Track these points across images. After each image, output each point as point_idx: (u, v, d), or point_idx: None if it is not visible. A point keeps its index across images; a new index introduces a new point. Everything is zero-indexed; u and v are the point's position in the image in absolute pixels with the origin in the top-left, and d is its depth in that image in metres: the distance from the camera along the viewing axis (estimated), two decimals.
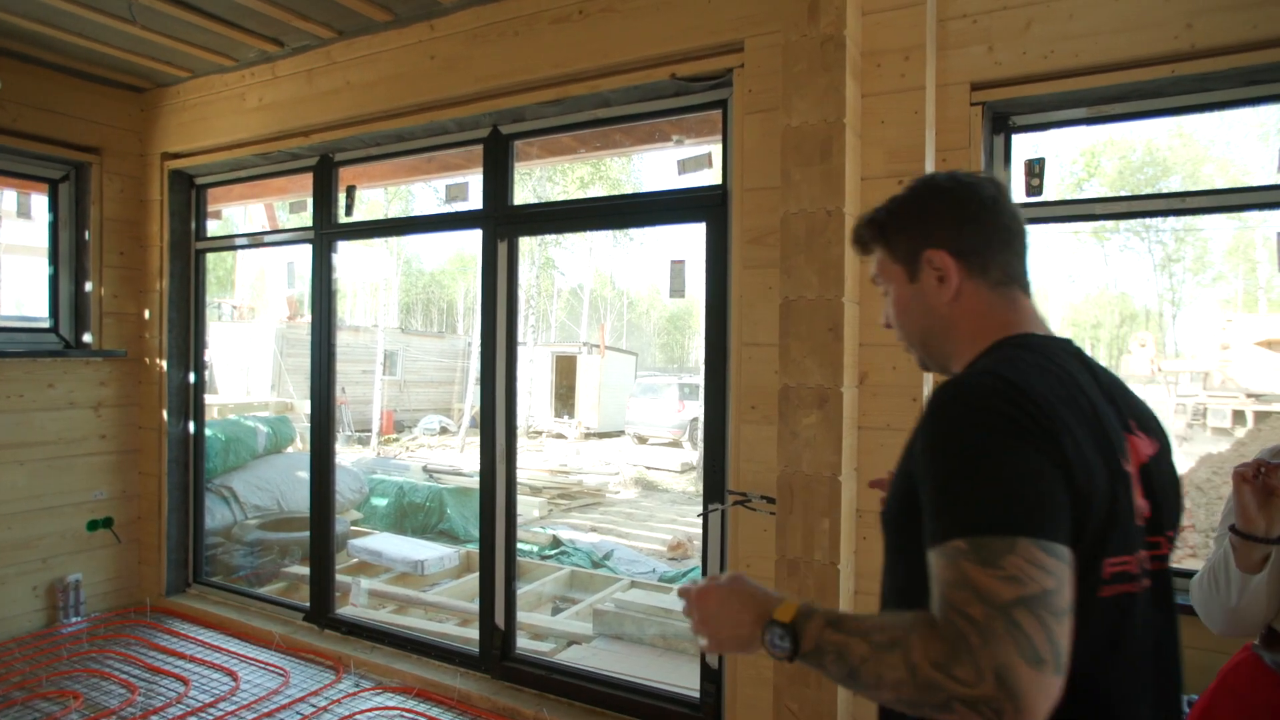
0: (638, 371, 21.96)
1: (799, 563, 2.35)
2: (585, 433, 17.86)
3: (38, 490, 4.04)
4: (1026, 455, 0.86)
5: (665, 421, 16.30)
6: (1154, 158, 21.67)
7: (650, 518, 9.69)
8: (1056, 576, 0.81)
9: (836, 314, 2.30)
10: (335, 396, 4.03)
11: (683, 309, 45.57)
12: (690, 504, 10.95)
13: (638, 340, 41.79)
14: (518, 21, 3.12)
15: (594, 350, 19.21)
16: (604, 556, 6.79)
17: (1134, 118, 2.68)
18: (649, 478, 12.73)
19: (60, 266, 4.26)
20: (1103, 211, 2.96)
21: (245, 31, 3.52)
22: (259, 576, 5.25)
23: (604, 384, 18.50)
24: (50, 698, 3.30)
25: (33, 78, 3.92)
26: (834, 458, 2.31)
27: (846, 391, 2.33)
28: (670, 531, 8.64)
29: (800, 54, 2.35)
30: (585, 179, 19.40)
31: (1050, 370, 0.97)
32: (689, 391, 16.50)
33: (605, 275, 36.17)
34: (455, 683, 3.33)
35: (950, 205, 1.09)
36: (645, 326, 44.98)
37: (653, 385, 17.86)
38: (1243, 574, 1.41)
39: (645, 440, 16.66)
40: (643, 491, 11.78)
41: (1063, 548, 0.83)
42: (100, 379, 4.31)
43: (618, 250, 31.44)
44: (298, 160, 4.06)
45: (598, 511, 10.02)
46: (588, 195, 19.12)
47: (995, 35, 2.79)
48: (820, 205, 2.32)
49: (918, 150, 2.43)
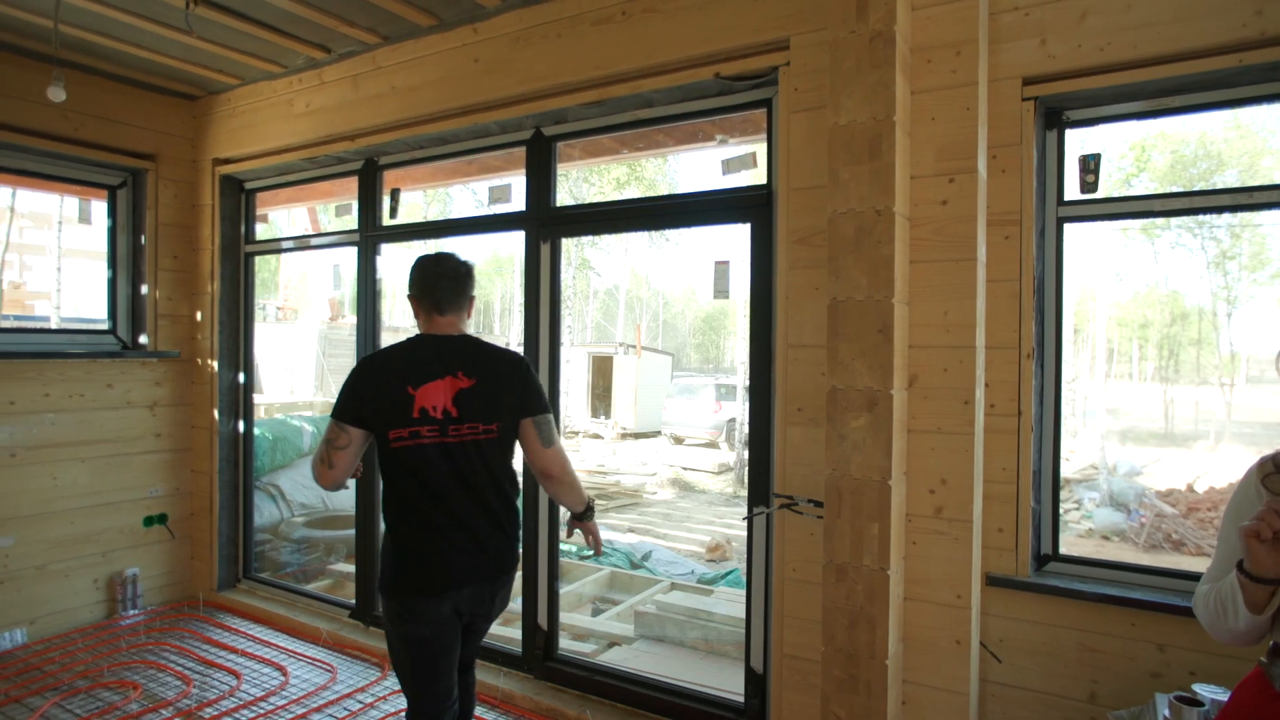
0: (674, 372, 21.93)
1: (847, 568, 2.32)
2: (621, 433, 17.89)
3: (98, 486, 4.18)
4: (346, 386, 2.11)
5: (702, 422, 16.24)
6: (1208, 151, 20.94)
7: (688, 518, 9.66)
8: (341, 432, 2.06)
9: (886, 315, 2.26)
10: None
11: (718, 309, 45.39)
12: (727, 505, 10.89)
13: (673, 340, 41.75)
14: (560, 23, 3.13)
15: (630, 350, 19.23)
16: (642, 557, 6.79)
17: (1195, 110, 2.58)
18: (686, 478, 12.70)
19: (118, 270, 4.40)
20: (1162, 208, 2.86)
21: (294, 39, 3.59)
22: (305, 573, 5.35)
23: (640, 384, 18.51)
24: (112, 687, 3.40)
25: (94, 88, 4.06)
26: (884, 461, 2.27)
27: (896, 394, 2.29)
28: (708, 533, 8.60)
29: (848, 51, 2.31)
30: (621, 179, 19.42)
31: (395, 350, 2.17)
32: (726, 392, 16.42)
33: (641, 275, 36.21)
34: (498, 682, 3.36)
35: (412, 273, 2.25)
36: (680, 326, 44.90)
37: (689, 386, 17.81)
38: (1249, 609, 1.40)
39: (682, 441, 16.63)
40: (680, 492, 11.75)
41: (346, 424, 2.07)
42: (155, 379, 4.43)
43: (653, 250, 31.47)
44: (343, 164, 4.13)
45: (635, 512, 10.03)
46: (624, 196, 19.16)
47: (1048, 28, 2.71)
48: (869, 205, 2.28)
49: (969, 147, 2.38)
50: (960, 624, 2.39)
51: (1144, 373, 29.42)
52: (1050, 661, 2.70)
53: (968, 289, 2.37)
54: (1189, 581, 2.40)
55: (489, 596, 2.17)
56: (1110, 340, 23.21)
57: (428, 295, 2.19)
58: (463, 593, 2.09)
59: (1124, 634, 2.49)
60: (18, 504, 3.87)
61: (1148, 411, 22.29)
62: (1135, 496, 10.10)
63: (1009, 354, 2.67)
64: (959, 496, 2.40)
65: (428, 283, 2.19)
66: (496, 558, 2.14)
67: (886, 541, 2.26)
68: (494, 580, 2.15)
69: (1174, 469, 13.07)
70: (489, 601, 2.18)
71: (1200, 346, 25.92)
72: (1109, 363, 21.94)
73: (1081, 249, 14.55)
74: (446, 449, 2.07)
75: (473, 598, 2.12)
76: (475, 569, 2.10)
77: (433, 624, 2.07)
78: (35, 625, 3.93)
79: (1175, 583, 2.43)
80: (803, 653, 2.64)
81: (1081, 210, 2.94)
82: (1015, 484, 2.81)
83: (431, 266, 2.20)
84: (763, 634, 2.84)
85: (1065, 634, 2.69)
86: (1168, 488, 10.82)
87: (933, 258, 2.40)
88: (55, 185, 4.33)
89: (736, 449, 12.58)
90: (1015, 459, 2.83)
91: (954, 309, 2.39)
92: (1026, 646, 2.73)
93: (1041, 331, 2.88)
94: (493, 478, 2.12)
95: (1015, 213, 2.75)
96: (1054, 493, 2.94)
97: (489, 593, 2.16)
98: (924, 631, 2.43)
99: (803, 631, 2.63)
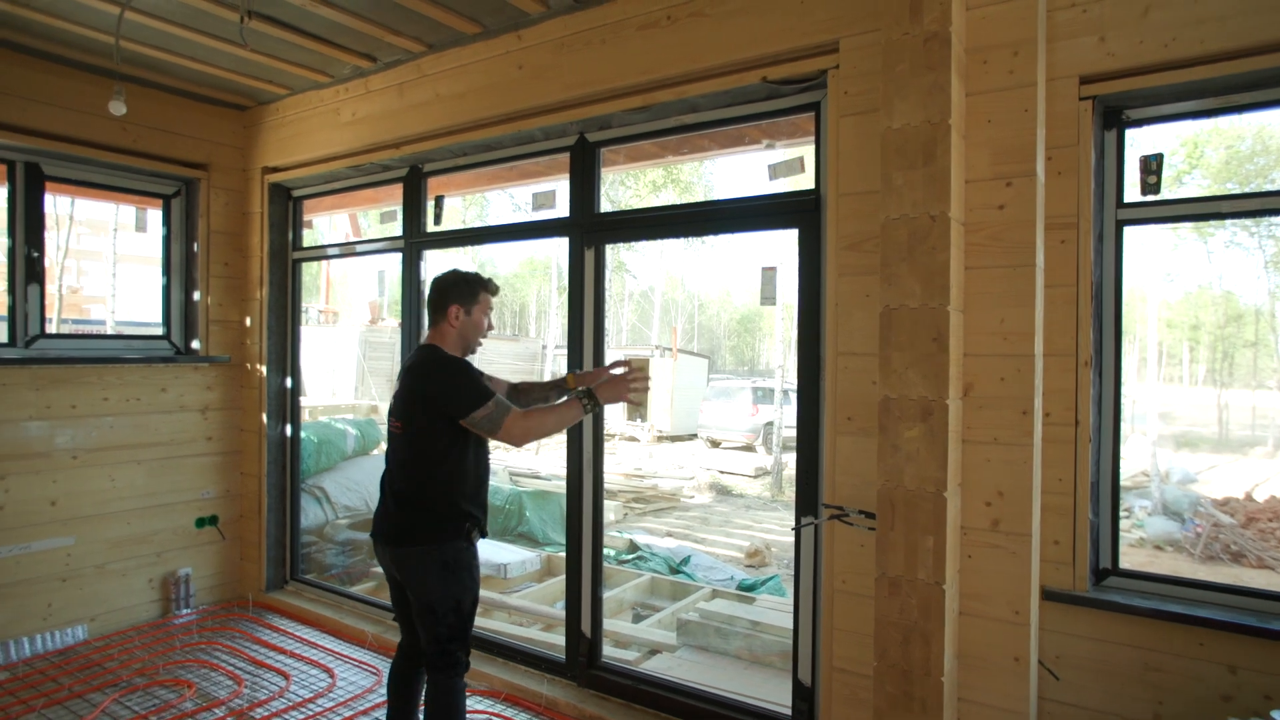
0: (710, 374, 21.83)
1: (900, 581, 2.26)
2: (658, 436, 17.86)
3: (153, 488, 4.29)
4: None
5: (739, 425, 16.14)
6: (1265, 146, 20.16)
7: (726, 523, 9.60)
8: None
9: (941, 323, 2.21)
10: None
11: (753, 311, 45.09)
12: (765, 509, 10.80)
13: (708, 342, 41.60)
14: (605, 29, 3.12)
15: (666, 353, 19.20)
16: (681, 562, 6.76)
17: (1262, 107, 2.49)
18: (723, 482, 12.63)
19: (172, 277, 4.52)
20: (1230, 210, 2.75)
21: (341, 49, 3.64)
22: (350, 575, 5.43)
23: (676, 387, 18.46)
24: (167, 685, 3.49)
25: (150, 101, 4.17)
26: (939, 473, 2.21)
27: (951, 404, 2.23)
28: (747, 537, 8.54)
29: (902, 53, 2.26)
30: (658, 182, 19.41)
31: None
32: (763, 395, 16.29)
33: (676, 278, 36.15)
34: (541, 688, 3.36)
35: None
36: (716, 329, 44.72)
37: (726, 389, 17.72)
38: None
39: (718, 444, 16.54)
40: (717, 496, 11.69)
41: None
42: (207, 383, 4.54)
43: (689, 252, 31.39)
44: (388, 171, 4.18)
45: (672, 516, 9.99)
46: (661, 199, 19.13)
47: (1108, 24, 2.63)
48: (923, 210, 2.23)
49: (1027, 150, 2.31)
50: (1019, 641, 2.32)
51: (1195, 376, 28.47)
52: (1111, 681, 2.61)
53: (1026, 296, 2.31)
54: (1263, 600, 2.30)
55: (389, 559, 2.55)
56: (1160, 342, 22.47)
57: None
58: (379, 545, 2.58)
59: (1191, 654, 2.39)
60: (80, 505, 4.00)
61: (1200, 416, 21.54)
62: (1190, 505, 9.76)
63: (1065, 361, 2.59)
64: (1017, 509, 2.33)
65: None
66: (395, 528, 2.51)
67: (942, 555, 2.21)
68: (393, 545, 2.51)
69: (1230, 476, 12.62)
70: (390, 563, 2.56)
71: (1257, 348, 24.99)
72: (1159, 365, 21.24)
73: (1131, 249, 14.15)
74: (390, 436, 2.58)
75: (382, 553, 2.59)
76: (381, 530, 2.57)
77: (380, 562, 2.64)
78: (95, 622, 4.04)
79: (1248, 601, 2.33)
80: (853, 666, 2.58)
81: (1142, 213, 2.84)
82: (1072, 495, 2.72)
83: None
84: (810, 646, 2.79)
85: (1127, 652, 2.60)
86: (1224, 496, 10.44)
87: (989, 264, 2.34)
88: (115, 195, 4.47)
89: (775, 453, 12.46)
90: (1072, 470, 2.75)
91: (1011, 316, 2.32)
92: (1086, 664, 2.64)
93: (1099, 338, 2.78)
94: (400, 465, 2.52)
95: (1072, 216, 2.66)
96: (1113, 505, 2.84)
97: (389, 555, 2.54)
98: (980, 648, 2.36)
99: (853, 645, 2.58)
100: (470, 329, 2.58)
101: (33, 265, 3.93)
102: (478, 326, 2.60)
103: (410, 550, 2.48)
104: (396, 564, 2.53)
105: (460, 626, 2.50)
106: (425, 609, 2.48)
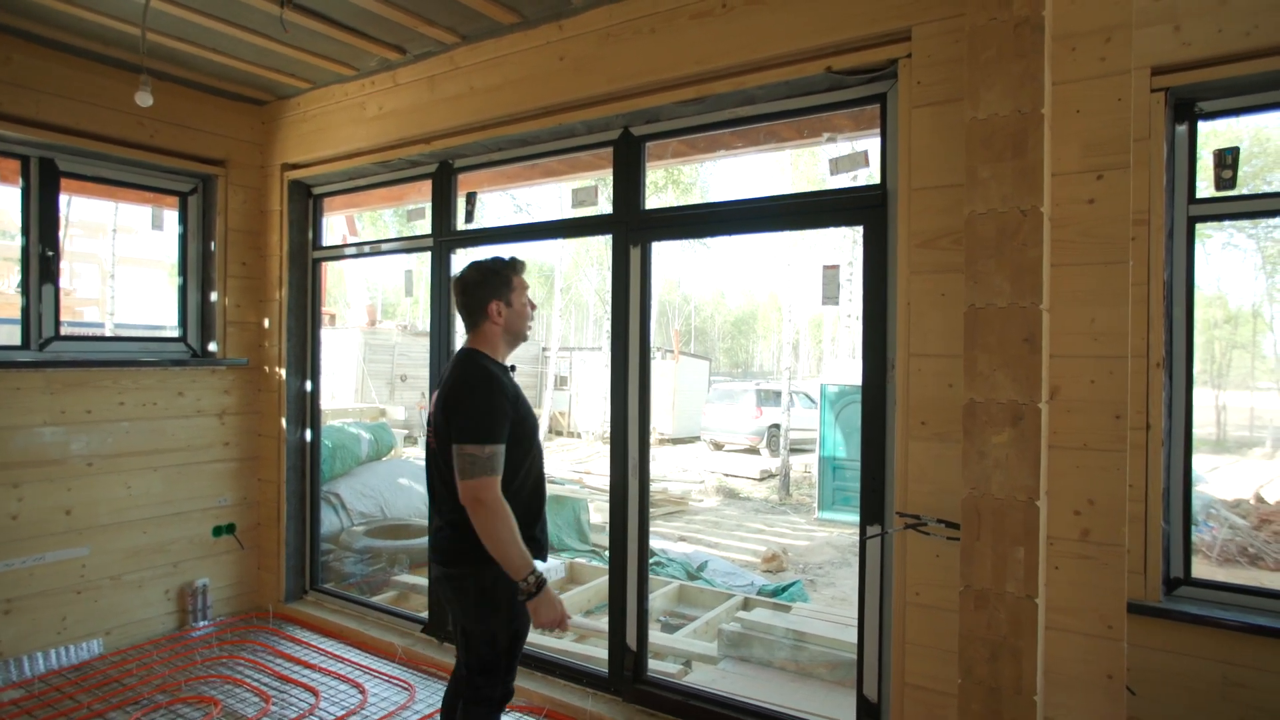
0: (710, 377, 21.72)
1: (988, 594, 2.15)
2: (661, 438, 17.73)
3: (169, 496, 4.13)
4: None
5: (743, 428, 16.02)
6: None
7: (738, 527, 9.48)
8: None
9: (1033, 323, 2.09)
10: None
11: (747, 312, 44.97)
12: (774, 513, 10.69)
13: (703, 345, 41.53)
14: (655, 18, 3.00)
15: (668, 355, 19.08)
16: (698, 567, 6.63)
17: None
18: (730, 485, 12.51)
19: (188, 277, 4.36)
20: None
21: (370, 39, 3.51)
22: (369, 584, 5.27)
23: (678, 389, 18.34)
24: (190, 703, 3.33)
25: (168, 95, 4.02)
26: (1030, 480, 2.10)
27: (1042, 408, 2.12)
28: (761, 542, 8.42)
29: (989, 39, 2.15)
30: (658, 183, 19.25)
31: None
32: (766, 397, 16.18)
33: (672, 280, 36.03)
34: (585, 704, 3.23)
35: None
36: (710, 331, 44.66)
37: (729, 391, 17.59)
38: None
39: (721, 446, 16.42)
40: (724, 499, 11.57)
41: None
42: (224, 387, 4.39)
43: (682, 255, 31.24)
44: (417, 167, 4.04)
45: (682, 520, 9.87)
46: (660, 203, 18.99)
47: (1183, 13, 2.54)
48: (1013, 204, 2.12)
49: (1120, 141, 2.20)
50: (1113, 657, 2.21)
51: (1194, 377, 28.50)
52: (1190, 696, 2.51)
53: (1118, 295, 2.20)
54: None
55: (441, 578, 2.38)
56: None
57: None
58: (432, 565, 2.56)
59: (1277, 668, 2.29)
60: (95, 513, 3.84)
61: (1199, 417, 21.56)
62: (1202, 507, 9.70)
63: (1137, 363, 2.49)
64: (1109, 519, 2.22)
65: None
66: (443, 548, 2.33)
67: (1034, 567, 2.09)
68: (441, 565, 2.35)
69: (1233, 477, 12.60)
70: (439, 581, 2.43)
71: (1253, 350, 25.08)
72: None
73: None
74: (429, 450, 2.38)
75: (433, 572, 2.60)
76: (430, 543, 2.46)
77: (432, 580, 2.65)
78: (111, 636, 3.88)
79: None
80: (928, 683, 2.47)
81: (1216, 209, 2.75)
82: (1144, 502, 2.62)
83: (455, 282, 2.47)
84: (877, 660, 2.67)
85: (1206, 665, 2.50)
86: (1234, 498, 10.39)
87: (1078, 260, 2.23)
88: (131, 193, 4.31)
89: (782, 455, 12.34)
90: (1144, 476, 2.65)
91: (1102, 316, 2.21)
92: (1162, 678, 2.54)
93: (1170, 339, 2.69)
94: (444, 480, 2.30)
95: (1143, 212, 2.57)
96: (1185, 512, 2.75)
97: (440, 575, 2.38)
98: (1069, 665, 2.25)
99: (928, 660, 2.47)
100: (515, 319, 2.39)
101: (47, 265, 3.78)
102: (521, 314, 2.41)
103: (450, 571, 2.32)
104: (439, 582, 2.43)
105: (492, 660, 2.30)
106: (461, 633, 2.36)
